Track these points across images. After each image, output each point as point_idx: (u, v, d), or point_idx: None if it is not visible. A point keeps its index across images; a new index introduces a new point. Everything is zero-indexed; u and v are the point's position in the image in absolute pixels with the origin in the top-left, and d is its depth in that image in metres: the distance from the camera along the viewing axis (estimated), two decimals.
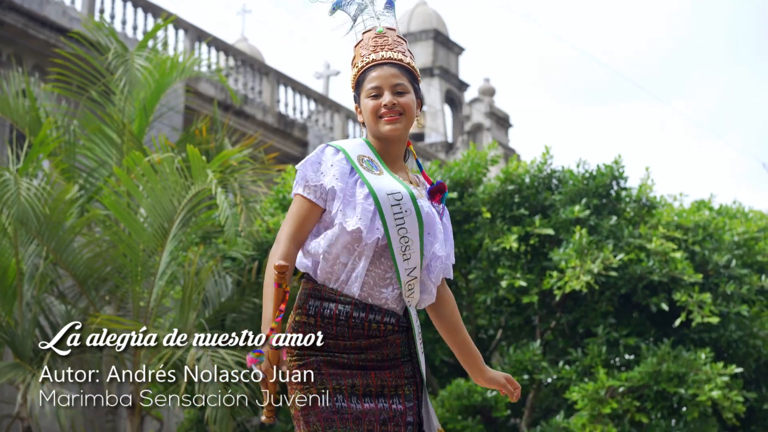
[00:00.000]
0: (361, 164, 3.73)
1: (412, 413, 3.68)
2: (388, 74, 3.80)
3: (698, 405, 10.09)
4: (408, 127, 3.82)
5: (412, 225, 3.68)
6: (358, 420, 3.61)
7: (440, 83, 29.85)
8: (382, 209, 3.66)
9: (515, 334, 11.65)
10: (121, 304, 10.55)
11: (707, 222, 11.20)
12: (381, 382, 3.66)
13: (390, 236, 3.66)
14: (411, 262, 3.68)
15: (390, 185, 3.71)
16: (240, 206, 9.65)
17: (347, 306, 3.66)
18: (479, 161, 11.30)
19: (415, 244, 3.68)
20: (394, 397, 3.66)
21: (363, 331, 3.67)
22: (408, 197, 3.70)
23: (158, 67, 10.67)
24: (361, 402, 3.62)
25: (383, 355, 3.68)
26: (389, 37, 3.88)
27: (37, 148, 10.03)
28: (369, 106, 3.78)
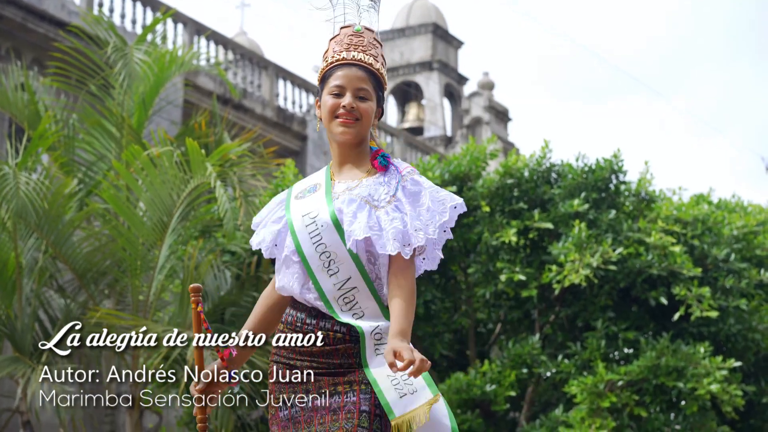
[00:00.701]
0: (297, 196, 3.81)
1: (369, 403, 3.63)
2: (354, 76, 3.76)
3: (697, 399, 10.11)
4: (362, 133, 3.77)
5: (331, 237, 3.66)
6: (310, 419, 3.66)
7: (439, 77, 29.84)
8: (293, 228, 3.71)
9: (514, 327, 11.66)
10: (121, 298, 10.55)
11: (706, 216, 11.21)
12: (333, 382, 3.68)
13: (305, 254, 3.68)
14: (340, 275, 3.66)
15: (309, 206, 3.73)
16: (239, 200, 9.65)
17: (303, 313, 3.73)
18: (478, 155, 11.30)
19: (341, 255, 3.66)
20: (349, 392, 3.65)
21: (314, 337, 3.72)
22: (325, 213, 3.69)
23: (157, 61, 10.65)
24: (313, 402, 3.67)
25: (334, 363, 3.68)
26: (365, 37, 3.83)
27: (36, 142, 10.02)
28: (328, 104, 3.76)
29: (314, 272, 3.66)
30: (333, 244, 3.65)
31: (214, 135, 10.98)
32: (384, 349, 3.61)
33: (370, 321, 3.68)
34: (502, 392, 10.53)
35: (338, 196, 3.72)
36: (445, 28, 30.57)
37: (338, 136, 3.75)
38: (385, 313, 3.70)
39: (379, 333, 3.68)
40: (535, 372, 10.75)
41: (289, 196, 3.81)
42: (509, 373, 10.56)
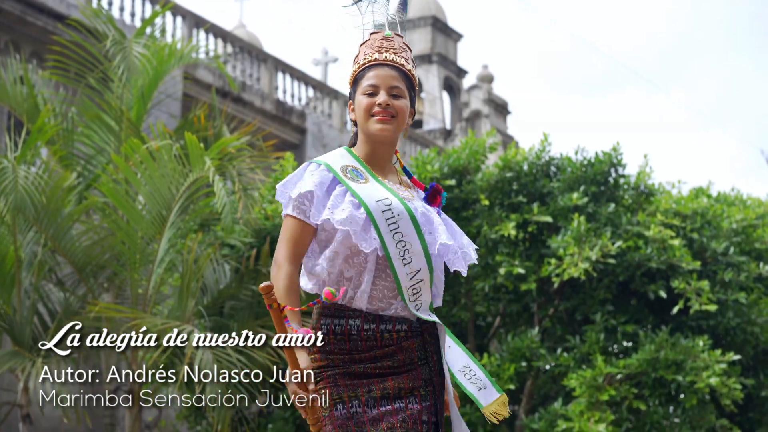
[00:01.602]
0: (345, 174, 3.73)
1: (428, 413, 3.67)
2: (387, 75, 3.80)
3: (696, 392, 10.11)
4: (398, 130, 3.80)
5: (407, 228, 3.67)
6: (375, 421, 3.63)
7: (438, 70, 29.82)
8: (374, 217, 3.65)
9: (513, 321, 11.67)
10: (120, 292, 10.55)
11: (705, 209, 11.21)
12: (398, 385, 3.67)
13: (386, 243, 3.65)
14: (413, 266, 3.68)
15: (378, 192, 3.70)
16: (238, 194, 9.65)
17: (357, 320, 3.69)
18: (477, 148, 11.30)
19: (415, 246, 3.68)
20: (411, 397, 3.67)
21: (376, 342, 3.69)
22: (397, 201, 3.69)
23: (156, 55, 10.65)
24: (378, 406, 3.64)
25: (399, 361, 3.69)
26: (395, 41, 3.88)
27: (35, 136, 10.02)
28: (363, 103, 3.78)
29: (392, 259, 3.65)
30: (409, 235, 3.67)
31: (213, 128, 10.98)
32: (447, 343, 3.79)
33: (425, 314, 3.74)
34: (501, 385, 10.53)
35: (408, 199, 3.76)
36: (444, 21, 30.54)
37: (376, 133, 3.77)
38: (432, 309, 3.79)
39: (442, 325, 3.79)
40: (534, 365, 10.76)
41: (339, 176, 3.72)
42: (508, 367, 10.56)
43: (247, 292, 10.31)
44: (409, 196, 3.79)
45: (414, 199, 3.80)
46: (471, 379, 3.82)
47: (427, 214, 3.75)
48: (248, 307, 10.19)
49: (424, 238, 3.70)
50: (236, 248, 10.91)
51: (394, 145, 3.86)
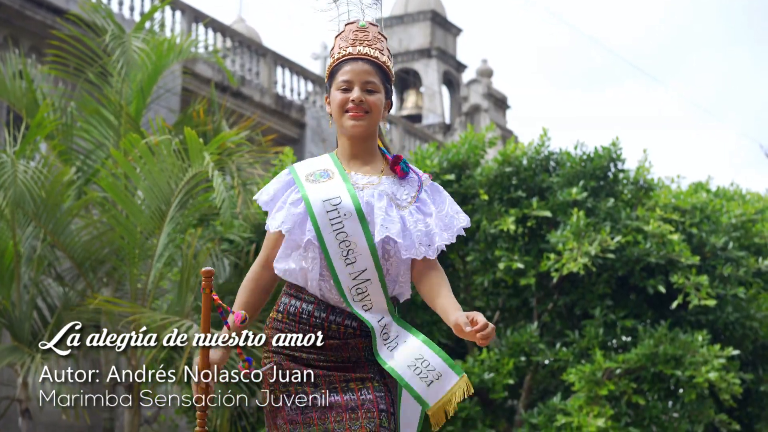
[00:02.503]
0: (307, 178, 3.76)
1: (385, 402, 3.65)
2: (361, 70, 3.79)
3: (695, 387, 10.12)
4: (372, 125, 3.80)
5: (352, 227, 3.66)
6: (324, 414, 3.62)
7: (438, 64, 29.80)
8: (313, 213, 3.67)
9: (512, 315, 11.67)
10: (119, 286, 10.55)
11: (704, 204, 11.21)
12: (345, 378, 3.66)
13: (325, 241, 3.66)
14: (357, 265, 3.66)
15: (329, 192, 3.70)
16: (237, 189, 9.65)
17: (310, 305, 3.71)
18: (477, 143, 11.30)
19: (360, 246, 3.66)
20: (362, 389, 3.65)
21: (323, 332, 3.68)
22: (348, 200, 3.68)
23: (155, 49, 10.64)
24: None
25: (343, 357, 3.68)
26: (370, 32, 3.87)
27: (34, 131, 10.01)
28: (337, 99, 3.78)
29: (332, 259, 3.65)
30: (354, 234, 3.66)
31: (213, 123, 10.97)
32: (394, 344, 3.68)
33: (376, 314, 3.70)
34: (500, 380, 10.54)
35: (362, 188, 3.73)
36: (443, 15, 30.52)
37: (349, 129, 3.77)
38: (390, 309, 3.73)
39: (386, 329, 3.71)
40: (533, 360, 10.76)
41: (297, 177, 3.78)
42: (507, 361, 10.57)
43: None
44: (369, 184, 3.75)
45: (375, 185, 3.75)
46: (421, 372, 3.65)
47: (370, 204, 3.70)
48: None
49: (371, 237, 3.67)
50: (235, 243, 10.91)
51: (370, 139, 3.84)
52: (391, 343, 3.70)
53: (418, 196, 3.78)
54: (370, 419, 3.61)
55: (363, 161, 3.83)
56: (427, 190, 3.81)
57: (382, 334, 3.70)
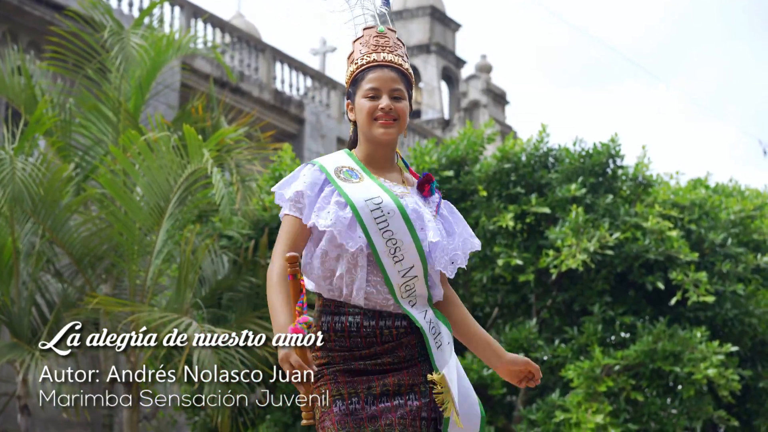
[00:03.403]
0: (338, 176, 3.74)
1: (428, 409, 3.68)
2: (388, 78, 3.79)
3: (694, 383, 10.12)
4: (400, 132, 3.81)
5: (397, 225, 3.68)
6: (374, 418, 3.63)
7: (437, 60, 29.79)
8: (360, 217, 3.66)
9: (511, 312, 11.67)
10: (118, 283, 10.55)
11: (703, 200, 11.20)
12: (398, 382, 3.67)
13: (374, 242, 3.65)
14: (405, 263, 3.67)
15: (368, 192, 3.71)
16: (236, 185, 9.64)
17: (357, 317, 3.68)
18: (476, 139, 11.29)
19: (407, 244, 3.67)
20: (410, 393, 3.67)
21: (376, 339, 3.68)
22: (389, 199, 3.70)
23: (154, 46, 10.63)
24: (377, 402, 3.65)
25: (399, 357, 3.70)
26: (390, 38, 3.87)
27: (33, 127, 10.00)
28: (365, 107, 3.77)
29: (380, 257, 3.66)
30: (399, 232, 3.68)
31: (211, 119, 10.96)
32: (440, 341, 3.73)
33: (420, 309, 3.73)
34: (498, 377, 10.53)
35: (402, 196, 3.75)
36: (442, 10, 30.51)
37: (380, 137, 3.78)
38: (431, 302, 3.77)
39: (433, 324, 3.75)
40: (531, 356, 10.76)
41: (329, 175, 3.75)
42: None
43: (245, 283, 10.32)
44: (403, 192, 3.79)
45: (408, 195, 3.79)
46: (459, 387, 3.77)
47: (418, 211, 3.75)
48: (246, 298, 10.19)
49: (416, 233, 3.70)
50: (234, 239, 10.91)
51: (394, 146, 3.86)
52: (438, 340, 3.75)
53: (438, 212, 3.82)
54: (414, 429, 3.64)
55: (386, 169, 3.84)
56: (445, 208, 3.86)
57: (431, 329, 3.74)
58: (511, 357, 3.90)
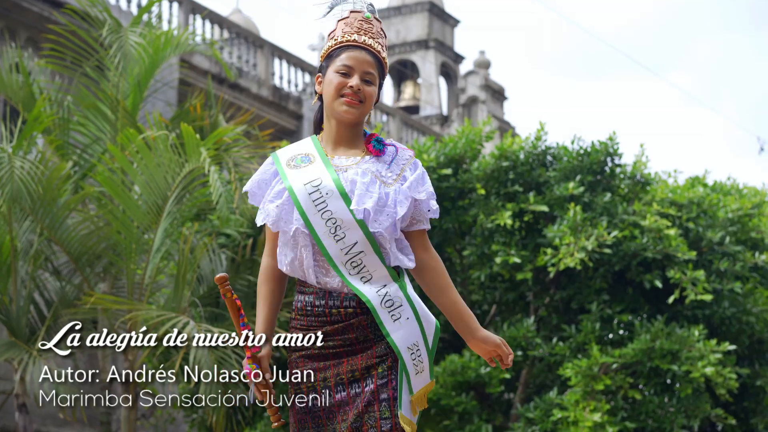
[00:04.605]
0: (288, 164, 3.82)
1: (387, 389, 3.70)
2: (364, 59, 3.83)
3: (691, 381, 10.14)
4: (363, 115, 3.84)
5: (336, 205, 3.72)
6: (332, 414, 3.70)
7: (435, 56, 29.77)
8: (297, 200, 3.73)
9: (509, 310, 11.68)
10: (116, 281, 10.55)
11: (701, 199, 11.21)
12: (351, 368, 3.71)
13: (312, 223, 3.71)
14: (347, 240, 3.71)
15: (310, 174, 3.76)
16: (234, 183, 9.64)
17: (310, 296, 3.77)
18: (474, 137, 11.30)
19: (347, 221, 3.71)
20: (367, 378, 3.70)
21: (326, 319, 3.74)
22: (329, 179, 3.74)
23: (152, 43, 10.62)
24: (333, 393, 3.70)
25: (350, 339, 3.73)
26: (374, 26, 3.92)
27: (31, 125, 9.99)
28: (334, 82, 3.81)
29: (320, 237, 3.70)
30: (338, 211, 3.71)
31: (210, 117, 10.95)
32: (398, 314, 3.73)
33: (377, 284, 3.74)
34: (496, 374, 10.55)
35: (346, 169, 3.78)
36: (441, 6, 30.48)
37: (341, 114, 3.81)
38: (393, 275, 3.76)
39: (390, 299, 3.75)
40: (529, 354, 10.77)
41: (279, 166, 3.83)
42: None
43: (243, 281, 10.32)
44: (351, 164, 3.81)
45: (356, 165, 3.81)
46: (414, 360, 3.76)
47: (354, 181, 3.76)
48: (244, 297, 10.18)
49: (353, 210, 3.72)
50: (232, 238, 10.91)
51: (357, 126, 3.88)
52: (395, 314, 3.75)
53: (402, 174, 3.82)
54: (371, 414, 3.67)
55: (347, 146, 3.87)
56: (411, 168, 3.85)
57: (385, 303, 3.74)
58: (483, 334, 3.86)
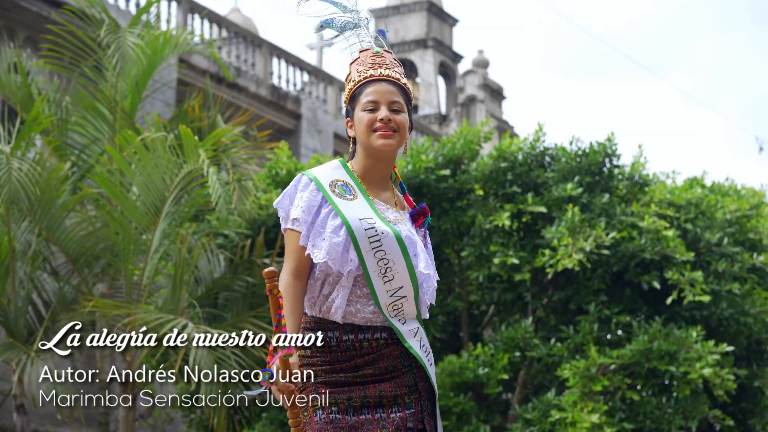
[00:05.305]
0: (333, 190, 3.75)
1: (413, 419, 3.71)
2: (386, 90, 3.81)
3: (689, 382, 10.14)
4: (399, 145, 3.81)
5: (390, 246, 3.70)
6: (354, 429, 3.67)
7: (434, 55, 29.76)
8: (355, 237, 3.68)
9: (507, 310, 11.68)
10: (114, 282, 10.55)
11: (699, 200, 11.22)
12: (379, 393, 3.70)
13: (365, 262, 3.68)
14: (395, 283, 3.70)
15: (363, 211, 3.73)
16: (232, 184, 9.64)
17: (336, 332, 3.72)
18: (472, 138, 11.30)
19: (398, 264, 3.70)
20: (393, 406, 3.71)
21: (356, 352, 3.71)
22: (381, 222, 3.72)
23: (151, 44, 10.61)
24: (358, 414, 3.68)
25: (381, 369, 3.72)
26: (386, 57, 3.89)
27: (29, 126, 9.99)
28: (365, 120, 3.78)
29: (371, 277, 3.68)
30: (392, 253, 3.70)
31: (208, 118, 10.95)
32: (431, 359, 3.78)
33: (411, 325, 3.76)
34: (494, 375, 10.56)
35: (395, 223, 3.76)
36: (439, 5, 30.46)
37: (380, 148, 3.78)
38: (420, 319, 3.80)
39: (424, 342, 3.79)
40: (527, 355, 10.78)
41: (325, 192, 3.74)
42: (502, 356, 10.59)
43: (242, 282, 10.32)
44: (397, 219, 3.80)
45: (401, 222, 3.81)
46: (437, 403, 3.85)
47: (411, 238, 3.76)
48: (242, 297, 10.19)
49: (409, 256, 3.73)
50: (230, 238, 10.91)
51: (393, 161, 3.87)
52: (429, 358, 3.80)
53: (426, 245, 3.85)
54: None
55: (380, 187, 3.85)
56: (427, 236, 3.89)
57: (422, 346, 3.77)
58: None
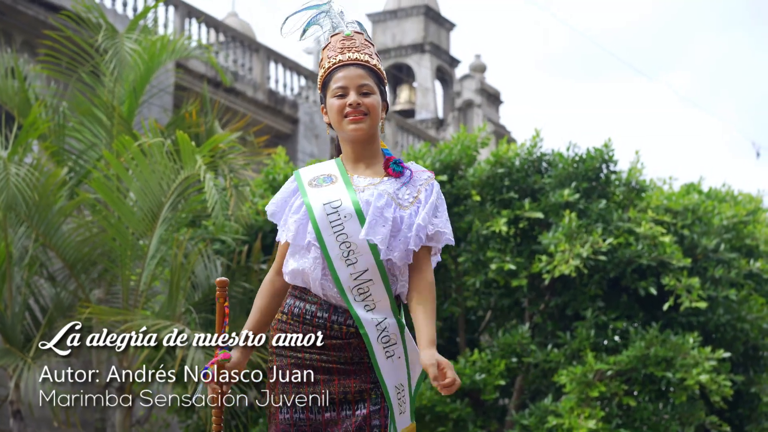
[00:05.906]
0: (310, 183, 3.83)
1: (379, 416, 3.71)
2: (354, 74, 3.84)
3: (686, 389, 10.15)
4: (372, 127, 3.84)
5: (353, 228, 3.72)
6: (318, 429, 3.70)
7: (431, 60, 29.78)
8: (315, 218, 3.74)
9: (504, 316, 11.69)
10: (110, 287, 10.54)
11: (696, 206, 11.23)
12: (343, 390, 3.71)
13: (326, 244, 3.72)
14: (359, 266, 3.71)
15: (331, 195, 3.77)
16: (230, 190, 9.64)
17: (313, 305, 3.76)
18: (469, 143, 11.31)
19: (361, 247, 3.71)
20: (359, 402, 3.71)
21: (326, 332, 3.74)
22: (349, 202, 3.74)
23: (148, 49, 10.60)
24: (323, 412, 3.70)
25: (346, 357, 3.74)
26: (356, 40, 3.92)
27: (26, 131, 9.98)
28: (335, 106, 3.83)
29: (332, 260, 3.71)
30: (354, 235, 3.72)
31: (205, 124, 10.95)
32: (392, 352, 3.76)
33: (378, 315, 3.75)
34: (491, 381, 10.56)
35: (363, 189, 3.79)
36: (436, 10, 30.49)
37: (351, 133, 3.82)
38: (394, 309, 3.79)
39: (387, 335, 3.76)
40: (524, 361, 10.78)
41: (301, 183, 3.84)
42: (499, 362, 10.59)
43: (239, 288, 10.31)
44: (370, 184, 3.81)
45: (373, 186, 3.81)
46: (399, 400, 3.79)
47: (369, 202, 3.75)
48: (239, 303, 10.18)
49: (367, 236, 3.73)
50: (227, 244, 10.91)
51: (372, 141, 3.88)
52: (389, 351, 3.76)
53: (418, 197, 3.82)
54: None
55: (366, 164, 3.88)
56: (427, 190, 3.84)
57: (381, 338, 3.75)
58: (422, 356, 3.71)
